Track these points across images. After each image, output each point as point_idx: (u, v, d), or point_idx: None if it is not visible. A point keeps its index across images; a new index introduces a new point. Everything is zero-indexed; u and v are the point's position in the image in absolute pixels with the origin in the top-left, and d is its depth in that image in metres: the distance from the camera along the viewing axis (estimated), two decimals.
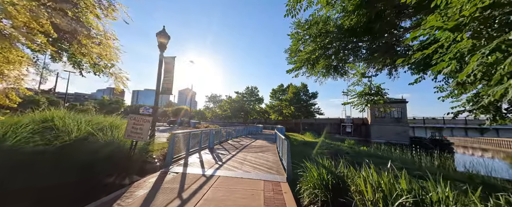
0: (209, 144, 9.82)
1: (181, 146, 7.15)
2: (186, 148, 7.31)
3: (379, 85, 6.08)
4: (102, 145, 4.17)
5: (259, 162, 6.90)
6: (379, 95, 6.01)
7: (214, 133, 10.72)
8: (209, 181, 4.64)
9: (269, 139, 16.01)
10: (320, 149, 15.08)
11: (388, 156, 11.81)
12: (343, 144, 19.22)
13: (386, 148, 14.44)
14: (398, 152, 13.51)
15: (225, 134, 13.68)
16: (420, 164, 9.45)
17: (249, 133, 22.04)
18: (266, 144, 12.56)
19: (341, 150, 14.06)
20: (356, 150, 13.66)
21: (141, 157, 4.81)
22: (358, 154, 11.83)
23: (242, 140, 14.42)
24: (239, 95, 40.92)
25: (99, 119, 5.87)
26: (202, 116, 47.28)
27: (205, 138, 9.71)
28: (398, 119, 37.50)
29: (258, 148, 10.51)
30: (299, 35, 5.02)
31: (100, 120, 5.58)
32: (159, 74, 5.95)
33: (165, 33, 6.11)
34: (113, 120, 5.76)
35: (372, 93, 6.14)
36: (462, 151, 35.77)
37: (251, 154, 8.60)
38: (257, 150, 9.79)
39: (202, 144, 9.32)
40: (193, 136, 8.20)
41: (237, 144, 12.17)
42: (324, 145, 18.09)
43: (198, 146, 8.53)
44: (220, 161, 6.80)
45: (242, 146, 11.10)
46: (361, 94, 6.41)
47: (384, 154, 12.95)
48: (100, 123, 5.30)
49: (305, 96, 38.65)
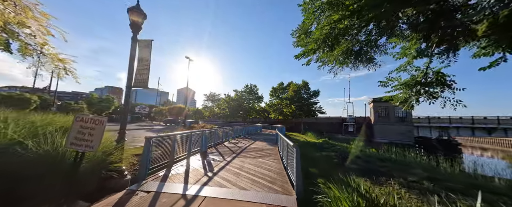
0: (202, 147, 8.52)
1: (166, 151, 5.85)
2: (171, 154, 6.01)
3: (440, 70, 4.23)
4: (29, 159, 2.84)
5: (259, 172, 5.59)
6: (440, 85, 4.26)
7: (208, 135, 9.41)
8: (191, 205, 3.33)
9: (270, 140, 14.72)
10: (326, 152, 13.82)
11: (403, 160, 10.54)
12: (350, 145, 18.00)
13: (397, 150, 13.18)
14: (412, 155, 12.24)
15: (221, 135, 12.38)
16: (446, 172, 8.21)
17: (247, 133, 20.75)
18: (266, 146, 11.27)
19: (348, 152, 12.79)
20: (366, 153, 12.39)
21: (95, 173, 3.48)
22: (370, 158, 10.58)
23: (240, 142, 13.12)
24: (237, 93, 39.53)
25: (55, 119, 4.55)
26: (200, 115, 45.88)
27: (197, 140, 8.40)
28: (402, 118, 36.28)
29: (258, 152, 9.21)
30: (315, 2, 3.64)
31: (50, 121, 4.24)
32: (131, 62, 4.61)
33: (139, 10, 4.76)
34: (68, 119, 4.43)
35: (429, 82, 4.38)
36: (470, 151, 34.47)
37: (250, 160, 7.29)
38: (256, 154, 8.49)
39: (193, 147, 8.02)
40: (181, 139, 6.89)
41: (234, 146, 10.87)
42: (329, 146, 16.82)
43: (188, 150, 7.23)
44: (211, 171, 5.49)
45: (239, 149, 9.80)
46: (409, 84, 4.73)
47: (397, 157, 11.69)
48: (47, 125, 3.96)
49: (307, 95, 37.32)
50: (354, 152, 13.42)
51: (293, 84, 38.80)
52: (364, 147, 16.43)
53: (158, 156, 5.43)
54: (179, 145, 6.69)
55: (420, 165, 9.67)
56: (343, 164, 9.99)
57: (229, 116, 37.14)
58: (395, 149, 13.53)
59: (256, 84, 40.11)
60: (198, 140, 8.48)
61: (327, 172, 7.11)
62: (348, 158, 11.63)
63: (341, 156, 12.14)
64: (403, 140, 34.77)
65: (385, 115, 37.71)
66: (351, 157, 11.77)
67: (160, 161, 5.46)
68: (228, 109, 35.50)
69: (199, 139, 8.45)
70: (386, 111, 37.73)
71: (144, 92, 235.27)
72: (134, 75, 4.66)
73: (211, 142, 10.30)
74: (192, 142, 7.52)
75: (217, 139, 11.72)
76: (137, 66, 4.70)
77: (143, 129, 23.94)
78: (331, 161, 10.99)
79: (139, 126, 32.67)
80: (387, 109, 37.67)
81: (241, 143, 12.62)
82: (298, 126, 40.55)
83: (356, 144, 16.75)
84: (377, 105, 38.61)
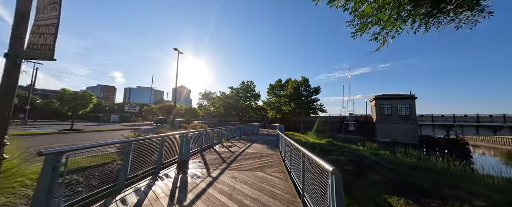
0: (182, 156, 6.42)
1: (112, 171, 3.74)
2: (123, 172, 3.89)
3: None
4: None
5: (260, 200, 3.54)
6: None
7: (191, 138, 7.33)
8: None
9: (269, 142, 12.70)
10: (334, 155, 11.87)
11: (434, 167, 8.65)
12: (357, 146, 16.14)
13: (416, 152, 11.41)
14: (435, 159, 10.40)
15: (212, 136, 10.27)
16: (499, 184, 6.39)
17: (244, 133, 18.69)
18: (265, 150, 9.23)
19: (363, 156, 10.85)
20: (384, 157, 10.46)
21: None
22: (393, 165, 8.66)
23: (234, 144, 11.04)
24: (233, 91, 37.27)
25: None
26: (193, 113, 43.46)
27: (173, 146, 6.30)
28: (406, 116, 34.79)
29: (256, 159, 7.16)
30: None
31: None
32: (21, 19, 2.46)
33: None
34: None
35: None
36: (481, 151, 32.94)
37: (245, 174, 5.23)
38: (253, 164, 6.43)
39: (169, 157, 5.95)
40: (147, 147, 4.78)
41: (227, 151, 8.79)
42: (336, 148, 14.90)
43: (157, 163, 5.13)
44: (182, 204, 3.40)
45: (232, 156, 7.73)
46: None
47: (420, 161, 9.83)
48: None
49: (306, 92, 35.36)
50: (366, 154, 11.47)
51: (292, 81, 36.81)
52: (377, 149, 14.56)
53: (94, 180, 3.31)
54: (141, 157, 4.58)
55: (452, 174, 7.78)
56: (361, 173, 8.02)
57: (224, 115, 34.93)
58: (409, 150, 11.76)
59: (253, 81, 37.93)
60: (174, 146, 6.38)
61: (345, 187, 5.12)
62: (364, 164, 9.64)
63: (353, 161, 10.15)
64: (407, 139, 33.28)
65: (388, 113, 36.16)
66: (367, 162, 9.78)
67: (97, 187, 3.35)
68: (223, 107, 33.24)
69: (176, 146, 6.35)
70: (389, 109, 36.17)
71: (139, 90, 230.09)
72: (29, 38, 2.50)
73: (196, 147, 8.19)
74: (162, 152, 5.41)
75: (206, 142, 9.62)
76: (34, 22, 2.55)
77: (128, 130, 21.60)
78: (344, 168, 9.03)
79: (126, 126, 30.20)
80: (390, 107, 36.12)
81: (236, 146, 10.54)
82: (297, 125, 38.68)
83: (369, 145, 14.88)
84: (380, 103, 37.03)
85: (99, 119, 43.84)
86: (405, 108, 35.19)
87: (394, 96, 36.73)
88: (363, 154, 10.67)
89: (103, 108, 48.35)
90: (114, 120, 41.85)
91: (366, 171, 8.34)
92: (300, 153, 3.97)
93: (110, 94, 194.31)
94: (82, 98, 16.41)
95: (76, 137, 14.31)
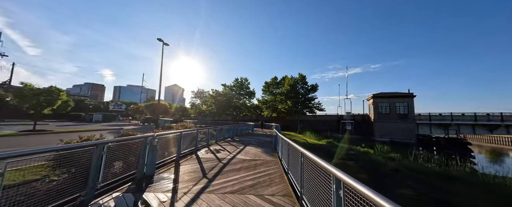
0: (144, 170, 4.52)
1: None
2: None
3: None
4: None
5: None
6: None
7: (157, 144, 5.42)
8: None
9: (265, 144, 10.91)
10: (341, 160, 10.19)
11: (467, 176, 7.11)
12: (362, 147, 14.61)
13: (437, 157, 9.94)
14: (460, 166, 8.93)
15: (196, 139, 8.34)
16: None
17: (236, 133, 16.82)
18: (261, 156, 7.41)
19: (376, 162, 9.20)
20: (403, 163, 8.84)
21: None
22: (418, 174, 7.06)
23: (224, 148, 9.16)
24: (226, 88, 35.18)
25: None
26: (184, 112, 41.04)
27: (130, 157, 4.38)
28: (404, 115, 33.91)
29: (249, 170, 5.33)
30: None
31: None
32: None
33: None
34: None
35: None
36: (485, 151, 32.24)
37: (232, 198, 3.40)
38: (246, 179, 4.61)
39: (114, 175, 4.05)
40: (76, 156, 2.87)
41: (212, 158, 6.90)
42: (340, 150, 13.28)
43: (92, 184, 3.20)
44: None
45: (217, 165, 5.87)
46: None
47: (445, 168, 8.32)
48: None
49: (303, 90, 33.78)
50: (379, 159, 9.85)
51: (288, 78, 35.13)
52: (388, 152, 13.01)
53: None
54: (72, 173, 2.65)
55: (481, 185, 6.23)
56: (382, 184, 6.34)
57: (216, 114, 32.84)
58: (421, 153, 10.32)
59: (247, 78, 35.98)
60: (133, 155, 4.45)
61: None
62: (381, 172, 7.91)
63: (366, 167, 8.45)
64: (404, 139, 32.42)
65: (386, 112, 35.20)
66: (383, 169, 8.09)
67: None
68: (215, 105, 31.14)
69: (129, 156, 4.43)
70: (387, 107, 35.21)
71: (130, 89, 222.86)
72: None
73: (170, 154, 6.24)
74: (102, 167, 3.48)
75: (189, 145, 7.70)
76: None
77: (106, 131, 19.19)
78: (355, 176, 7.33)
79: (107, 126, 27.58)
80: (388, 105, 35.17)
81: (225, 150, 8.67)
82: (293, 124, 37.12)
83: (380, 148, 13.30)
84: (378, 101, 36.01)
85: (81, 119, 40.66)
86: (403, 107, 34.33)
87: (392, 95, 35.81)
88: (376, 159, 9.04)
89: (86, 107, 45.01)
90: (97, 119, 38.82)
91: (387, 181, 6.63)
92: (330, 176, 2.17)
93: (99, 92, 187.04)
94: (48, 94, 13.92)
95: (28, 141, 11.99)
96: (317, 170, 2.59)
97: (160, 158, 5.64)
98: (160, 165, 5.50)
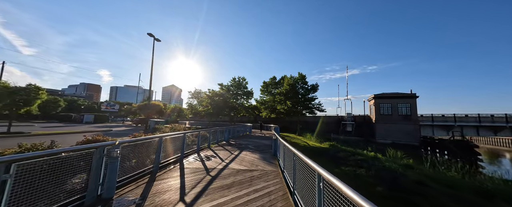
0: (96, 193, 3.29)
1: None
2: None
3: None
4: None
5: None
6: None
7: (119, 154, 4.20)
8: None
9: (263, 148, 9.71)
10: (348, 167, 9.01)
11: (503, 190, 5.99)
12: (368, 151, 13.48)
13: (461, 164, 8.83)
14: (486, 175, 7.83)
15: (183, 144, 7.10)
16: None
17: (233, 135, 15.59)
18: (259, 165, 6.18)
19: (392, 170, 8.03)
20: (424, 172, 7.68)
21: None
22: (439, 184, 5.91)
23: (215, 155, 7.92)
24: (223, 87, 33.92)
25: None
26: (180, 113, 39.64)
27: (80, 172, 3.15)
28: (406, 116, 32.94)
29: (243, 187, 4.12)
30: None
31: None
32: None
33: None
34: None
35: None
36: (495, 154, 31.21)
37: None
38: (238, 204, 3.37)
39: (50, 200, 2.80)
40: None
41: (200, 169, 5.68)
42: (346, 155, 12.10)
43: None
44: None
45: (204, 179, 4.65)
46: None
47: (464, 176, 7.20)
48: None
49: (303, 90, 32.64)
50: (394, 167, 8.66)
51: (287, 78, 33.97)
52: (402, 158, 11.84)
53: None
54: None
55: None
56: (410, 202, 5.18)
57: (213, 115, 31.55)
58: (459, 163, 9.20)
59: (245, 77, 34.74)
60: (82, 169, 3.23)
61: None
62: (401, 184, 6.70)
63: (382, 178, 7.26)
64: (407, 141, 31.47)
65: (388, 113, 34.22)
66: (403, 181, 6.92)
67: None
68: (211, 105, 29.85)
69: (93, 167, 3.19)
70: (389, 108, 34.24)
71: (127, 90, 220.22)
72: None
73: (144, 166, 4.98)
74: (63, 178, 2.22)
75: (175, 151, 6.48)
76: None
77: (90, 133, 17.82)
78: (372, 189, 6.15)
79: (96, 127, 26.10)
80: (390, 106, 34.20)
81: (217, 157, 7.44)
82: (292, 125, 35.95)
83: (392, 152, 12.13)
84: (379, 102, 35.03)
85: (71, 119, 38.98)
86: (405, 108, 33.37)
87: (394, 95, 34.88)
88: (390, 167, 7.87)
89: (78, 107, 43.32)
90: (88, 120, 37.20)
91: (414, 198, 5.43)
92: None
93: (94, 93, 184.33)
94: (24, 92, 12.55)
95: None
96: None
97: (129, 171, 4.40)
98: (128, 181, 4.25)
